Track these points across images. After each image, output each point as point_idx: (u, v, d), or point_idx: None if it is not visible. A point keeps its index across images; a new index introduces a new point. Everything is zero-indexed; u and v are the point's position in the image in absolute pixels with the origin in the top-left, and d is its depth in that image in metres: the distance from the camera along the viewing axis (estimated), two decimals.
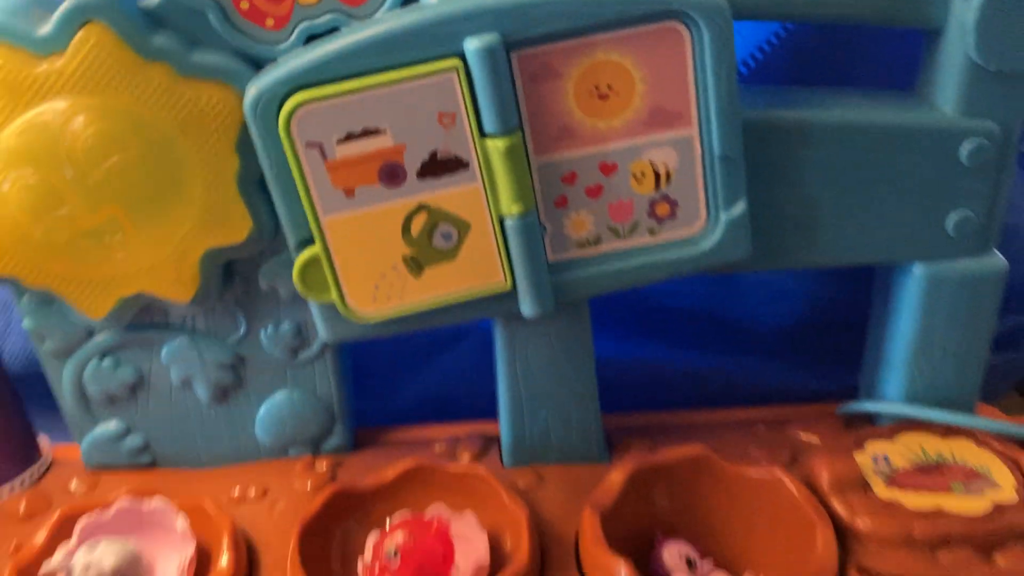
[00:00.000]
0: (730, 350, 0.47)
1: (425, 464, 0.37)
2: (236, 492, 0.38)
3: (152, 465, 0.40)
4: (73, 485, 0.39)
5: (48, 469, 0.41)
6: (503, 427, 0.39)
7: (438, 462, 0.37)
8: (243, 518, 0.36)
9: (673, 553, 0.34)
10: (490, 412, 0.40)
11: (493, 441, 0.41)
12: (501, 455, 0.40)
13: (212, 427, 0.39)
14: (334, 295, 0.34)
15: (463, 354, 0.46)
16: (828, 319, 0.47)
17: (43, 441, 0.41)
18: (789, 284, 0.47)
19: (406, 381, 0.46)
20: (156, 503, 0.35)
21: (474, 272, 0.34)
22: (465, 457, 0.40)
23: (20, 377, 0.40)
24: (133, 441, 0.39)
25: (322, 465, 0.39)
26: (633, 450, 0.40)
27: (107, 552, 0.32)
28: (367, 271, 0.34)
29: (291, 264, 0.33)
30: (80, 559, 0.32)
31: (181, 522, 0.34)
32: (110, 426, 0.39)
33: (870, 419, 0.41)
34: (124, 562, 0.32)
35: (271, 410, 0.39)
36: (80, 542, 0.33)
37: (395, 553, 0.32)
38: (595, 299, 0.36)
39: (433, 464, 0.37)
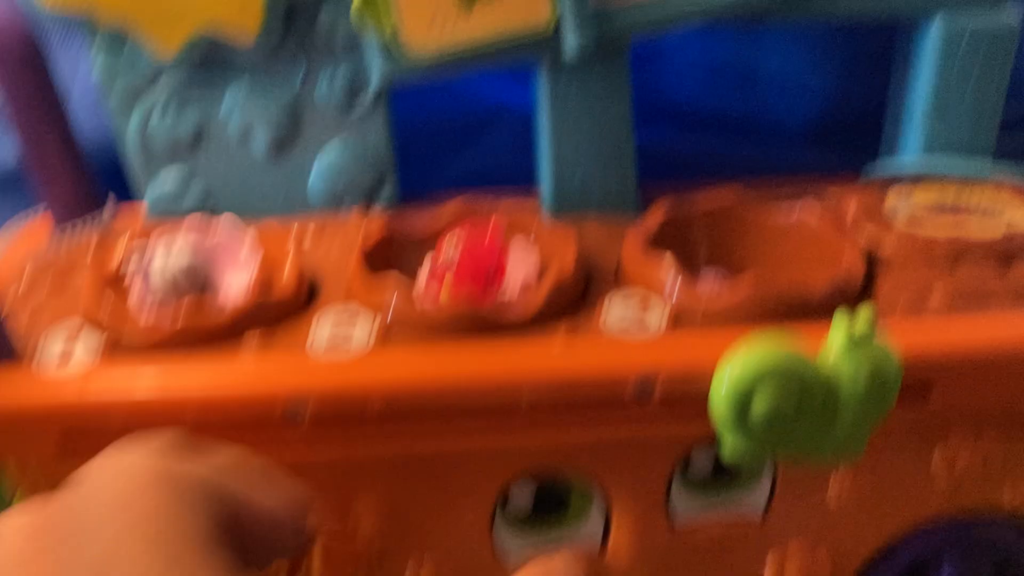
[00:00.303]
0: (752, 140, 0.49)
1: (477, 201, 0.40)
2: (295, 232, 0.40)
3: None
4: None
5: (114, 219, 0.43)
6: (544, 181, 0.41)
7: (489, 200, 0.40)
8: (303, 255, 0.39)
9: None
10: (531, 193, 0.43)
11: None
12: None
13: (270, 179, 0.42)
14: (391, 25, 0.36)
15: (501, 135, 0.48)
16: (848, 112, 0.49)
17: (109, 198, 0.43)
18: (808, 79, 0.48)
19: (444, 165, 0.48)
20: (225, 220, 0.37)
21: (521, 8, 0.36)
22: None
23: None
24: (194, 193, 0.41)
25: (376, 214, 0.42)
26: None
27: (182, 252, 0.35)
28: (424, 2, 0.35)
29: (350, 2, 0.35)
30: (157, 260, 0.35)
31: (248, 239, 0.37)
32: (173, 176, 0.41)
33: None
34: (198, 263, 0.35)
35: (326, 161, 0.41)
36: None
37: (451, 261, 0.34)
38: None
39: (484, 201, 0.40)
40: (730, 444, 0.31)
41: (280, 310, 0.35)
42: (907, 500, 0.37)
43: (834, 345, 0.30)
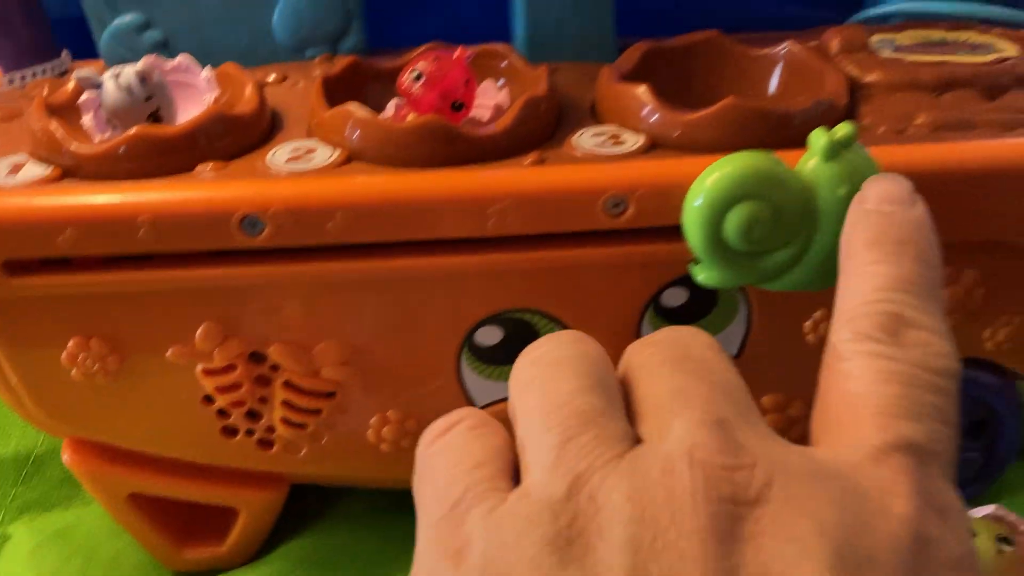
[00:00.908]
0: None
1: (444, 45, 0.38)
2: (256, 75, 0.39)
3: None
4: None
5: (68, 71, 0.41)
6: (516, 22, 0.40)
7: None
8: (264, 90, 0.37)
9: None
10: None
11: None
12: None
13: (231, 22, 0.40)
14: None
15: None
16: None
17: (64, 52, 0.41)
18: None
19: (415, 18, 0.47)
20: (181, 59, 0.36)
21: None
22: None
23: None
24: (153, 35, 0.40)
25: (341, 61, 0.40)
26: None
27: (136, 66, 0.33)
28: None
29: None
30: (109, 79, 0.33)
31: (207, 73, 0.35)
32: (129, 18, 0.39)
33: None
34: (150, 70, 0.33)
35: (289, 3, 0.39)
36: None
37: (419, 77, 0.33)
38: None
39: (452, 46, 0.38)
40: (706, 263, 0.30)
41: (239, 131, 0.33)
42: None
43: (812, 152, 0.29)
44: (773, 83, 0.37)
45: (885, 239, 0.25)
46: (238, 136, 0.33)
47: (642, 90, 0.33)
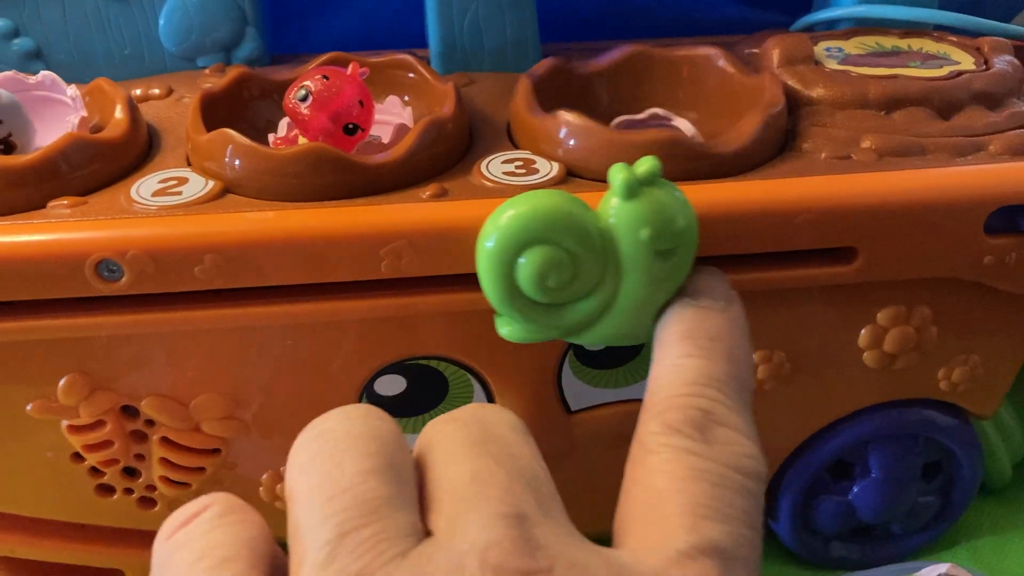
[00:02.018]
0: None
1: (346, 56, 0.34)
2: (138, 92, 0.35)
3: None
4: None
5: None
6: (430, 29, 0.36)
7: (360, 56, 0.34)
8: (145, 112, 0.33)
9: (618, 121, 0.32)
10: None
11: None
12: None
13: (112, 30, 0.36)
14: None
15: None
16: None
17: None
18: None
19: (320, 23, 0.43)
20: (43, 75, 0.32)
21: None
22: None
23: None
24: (23, 43, 0.36)
25: (228, 74, 0.36)
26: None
27: None
28: None
29: None
30: None
31: (72, 91, 0.31)
32: None
33: None
34: (5, 105, 0.29)
35: (175, 7, 0.35)
36: None
37: (306, 96, 0.29)
38: None
39: (355, 57, 0.34)
40: (504, 315, 0.26)
41: (104, 160, 0.29)
42: (831, 388, 0.33)
43: (612, 191, 0.25)
44: (707, 98, 0.33)
45: (698, 333, 0.24)
46: (102, 165, 0.29)
47: (558, 117, 0.30)
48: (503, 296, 0.26)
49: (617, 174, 0.25)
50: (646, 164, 0.25)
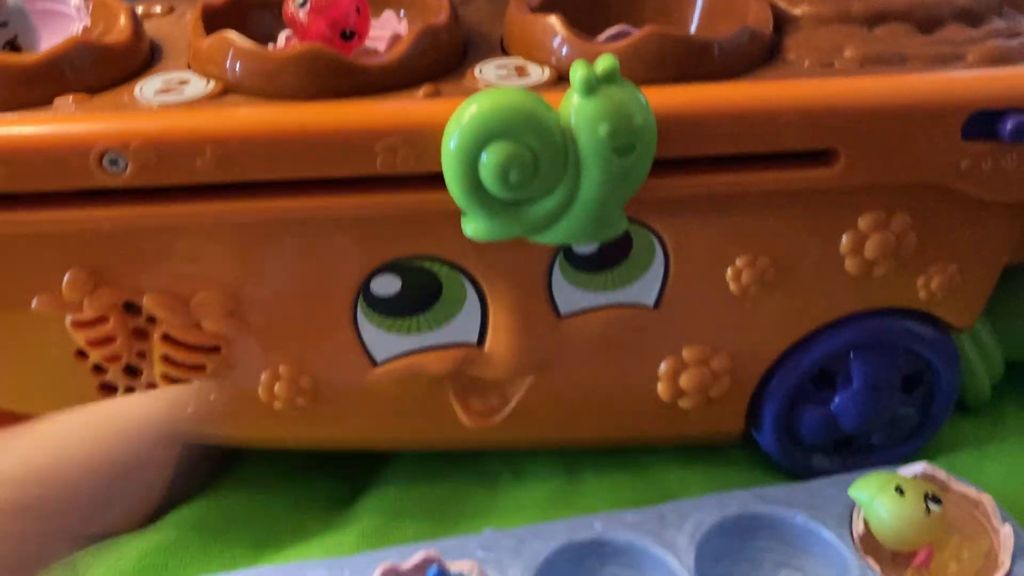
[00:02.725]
0: None
1: None
2: (140, 9, 0.35)
3: None
4: None
5: None
6: None
7: None
8: (147, 28, 0.34)
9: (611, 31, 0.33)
10: None
11: None
12: None
13: None
14: None
15: None
16: None
17: None
18: None
19: None
20: None
21: None
22: None
23: None
24: None
25: None
26: None
27: None
28: None
29: None
30: None
31: (76, 1, 0.32)
32: None
33: None
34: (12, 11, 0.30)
35: None
36: None
37: (304, 3, 0.30)
38: None
39: None
40: (469, 212, 0.28)
41: (107, 63, 0.30)
42: (814, 294, 0.33)
43: (573, 87, 0.26)
44: (695, 16, 0.34)
45: None
46: (106, 68, 0.30)
47: (551, 20, 0.30)
48: (467, 193, 0.27)
49: (577, 71, 0.26)
50: (605, 62, 0.26)
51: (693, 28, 0.34)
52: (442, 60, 0.31)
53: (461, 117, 0.26)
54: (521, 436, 0.36)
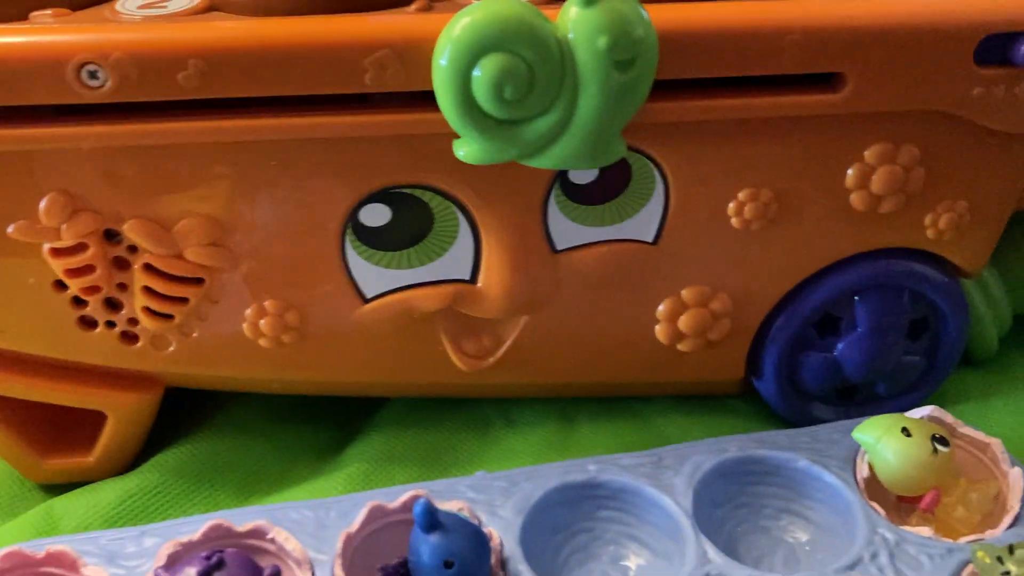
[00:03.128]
0: None
1: None
2: None
3: None
4: None
5: None
6: None
7: None
8: None
9: None
10: None
11: None
12: None
13: None
14: None
15: None
16: None
17: None
18: None
19: None
20: None
21: None
22: None
23: None
24: None
25: None
26: None
27: None
28: None
29: None
30: None
31: None
32: None
33: None
34: None
35: None
36: None
37: None
38: None
39: None
40: (463, 134, 0.26)
41: None
42: (818, 232, 0.32)
43: (571, 2, 0.25)
44: None
45: None
46: None
47: None
48: (460, 110, 0.26)
49: None
50: None
51: None
52: None
53: (453, 29, 0.25)
54: (515, 380, 0.35)
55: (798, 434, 0.32)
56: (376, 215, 0.31)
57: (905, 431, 0.29)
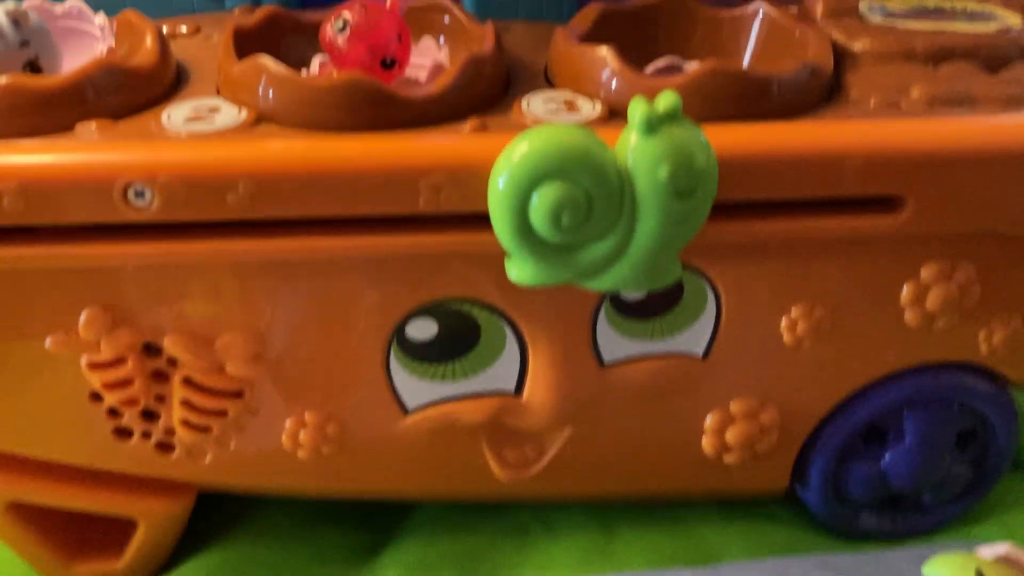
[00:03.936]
0: None
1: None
2: (164, 29, 0.34)
3: None
4: None
5: None
6: None
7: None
8: (173, 49, 0.32)
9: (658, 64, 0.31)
10: None
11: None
12: None
13: None
14: None
15: None
16: None
17: None
18: None
19: None
20: (71, 4, 0.31)
21: None
22: None
23: None
24: None
25: (266, 9, 0.35)
26: None
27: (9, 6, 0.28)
28: None
29: None
30: None
31: (100, 20, 0.30)
32: None
33: None
34: (23, 12, 0.28)
35: None
36: None
37: (343, 27, 0.28)
38: None
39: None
40: (516, 256, 0.26)
41: (133, 86, 0.28)
42: (870, 347, 0.32)
43: (631, 126, 0.25)
44: (748, 49, 0.33)
45: None
46: (131, 92, 0.28)
47: (602, 51, 0.29)
48: (515, 235, 0.25)
49: (636, 109, 0.24)
50: (667, 100, 0.24)
51: (746, 60, 0.33)
52: (487, 91, 0.29)
53: (512, 155, 0.25)
54: (556, 489, 0.34)
55: (863, 560, 0.31)
56: (422, 329, 0.30)
57: (979, 574, 0.28)
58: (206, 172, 0.26)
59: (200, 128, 0.27)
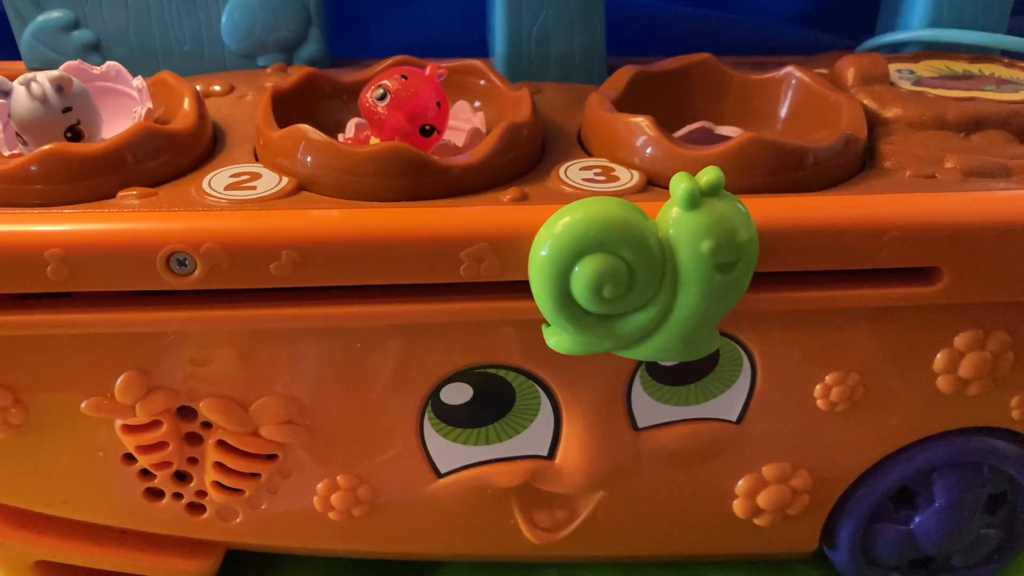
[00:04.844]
0: (734, 15, 0.43)
1: (414, 60, 0.34)
2: (199, 88, 0.34)
3: None
4: None
5: None
6: (496, 36, 0.36)
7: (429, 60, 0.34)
8: (208, 108, 0.32)
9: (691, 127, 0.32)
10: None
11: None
12: None
13: (173, 25, 0.35)
14: None
15: None
16: None
17: None
18: None
19: (384, 27, 0.42)
20: (109, 66, 0.31)
21: None
22: None
23: None
24: (82, 35, 0.35)
25: (295, 72, 0.35)
26: None
27: (54, 72, 0.28)
28: None
29: None
30: (19, 85, 0.28)
31: (139, 82, 0.30)
32: (56, 15, 0.35)
33: None
34: (67, 78, 0.28)
35: (239, 5, 0.35)
36: None
37: (384, 96, 0.28)
38: None
39: (423, 61, 0.33)
40: (555, 324, 0.26)
41: (172, 151, 0.28)
42: (903, 412, 0.32)
43: (673, 200, 0.25)
44: (781, 114, 0.33)
45: None
46: (171, 157, 0.28)
47: (640, 121, 0.29)
48: (556, 305, 0.25)
49: (679, 183, 0.24)
50: (709, 174, 0.24)
51: (779, 126, 0.33)
52: (524, 158, 0.29)
53: (554, 227, 0.25)
54: (586, 550, 0.34)
55: None
56: (457, 394, 0.30)
57: None
58: (250, 241, 0.26)
59: (241, 196, 0.27)
